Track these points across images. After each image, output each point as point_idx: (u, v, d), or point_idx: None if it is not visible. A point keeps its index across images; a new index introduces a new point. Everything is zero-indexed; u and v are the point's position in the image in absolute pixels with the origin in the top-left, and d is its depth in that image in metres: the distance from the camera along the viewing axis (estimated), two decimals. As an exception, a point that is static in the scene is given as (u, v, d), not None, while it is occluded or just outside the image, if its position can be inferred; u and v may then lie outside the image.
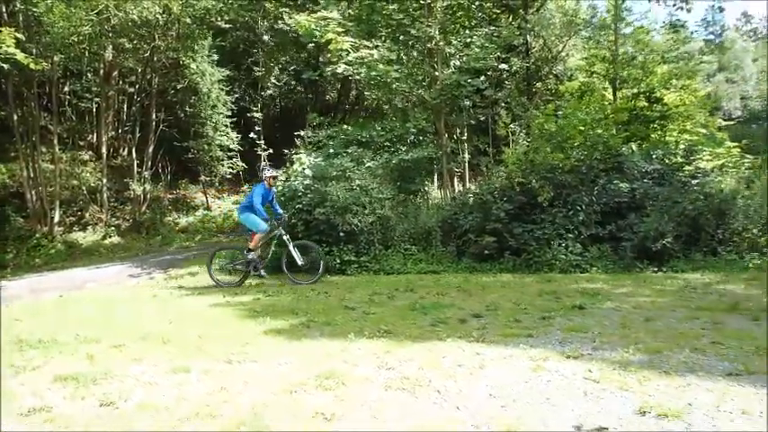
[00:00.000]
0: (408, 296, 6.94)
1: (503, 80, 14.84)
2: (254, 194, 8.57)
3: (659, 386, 2.79)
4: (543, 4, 15.48)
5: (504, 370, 3.27)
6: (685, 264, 9.65)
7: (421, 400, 2.91)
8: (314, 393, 3.09)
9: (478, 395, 2.88)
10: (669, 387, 2.77)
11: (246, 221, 8.72)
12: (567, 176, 10.10)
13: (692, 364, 3.14)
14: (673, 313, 5.11)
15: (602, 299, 6.12)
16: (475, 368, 3.35)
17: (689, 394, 2.65)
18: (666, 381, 2.87)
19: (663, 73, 13.44)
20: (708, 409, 2.44)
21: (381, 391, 3.07)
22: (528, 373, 3.18)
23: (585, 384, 2.89)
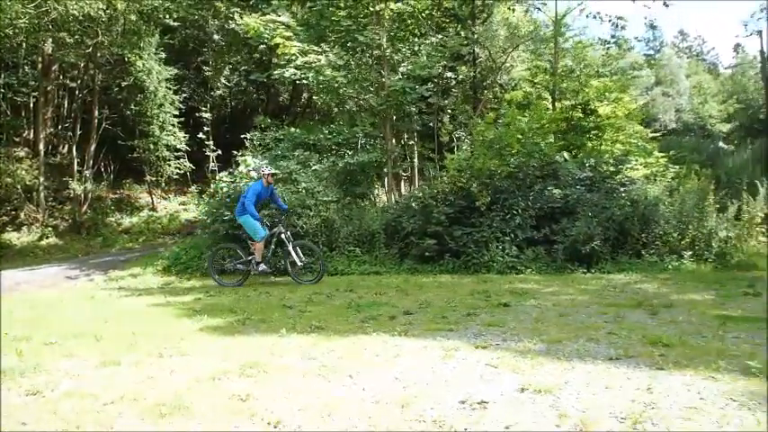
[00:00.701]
0: (347, 296, 7.14)
1: (450, 88, 15.32)
2: (249, 192, 8.28)
3: (547, 369, 3.11)
4: (489, 17, 16.08)
5: (417, 359, 3.54)
6: (612, 265, 10.31)
7: (333, 383, 3.14)
8: (236, 380, 3.26)
9: (386, 379, 3.13)
10: (555, 370, 3.10)
11: (245, 225, 8.41)
12: (504, 182, 10.60)
13: (584, 352, 3.51)
14: (586, 309, 5.54)
15: (527, 297, 6.53)
16: (390, 357, 3.60)
17: (568, 375, 2.98)
18: (555, 365, 3.21)
19: (597, 86, 14.24)
20: (578, 386, 2.78)
21: (299, 377, 3.27)
22: (437, 361, 3.46)
23: (484, 369, 3.19)
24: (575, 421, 2.31)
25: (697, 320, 4.67)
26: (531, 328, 4.47)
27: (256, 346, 4.22)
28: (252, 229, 8.31)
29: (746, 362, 3.02)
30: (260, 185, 8.39)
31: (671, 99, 40.50)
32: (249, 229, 8.36)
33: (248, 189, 8.46)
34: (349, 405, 2.75)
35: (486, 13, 16.38)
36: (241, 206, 8.38)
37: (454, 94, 15.23)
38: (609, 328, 4.31)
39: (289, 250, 8.42)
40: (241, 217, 8.40)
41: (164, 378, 3.39)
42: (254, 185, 8.44)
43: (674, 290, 7.26)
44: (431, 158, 13.51)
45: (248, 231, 8.41)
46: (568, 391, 2.70)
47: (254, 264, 8.42)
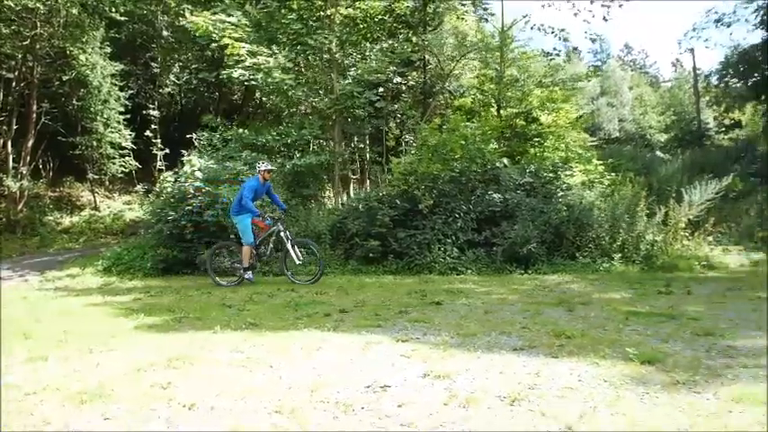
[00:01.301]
0: (288, 295, 7.27)
1: (400, 93, 15.65)
2: (246, 189, 8.00)
3: (454, 359, 3.38)
4: (439, 25, 16.52)
5: (338, 351, 3.74)
6: (548, 266, 10.84)
7: (254, 373, 3.31)
8: (161, 372, 3.37)
9: (304, 369, 3.33)
10: (462, 359, 3.37)
11: (238, 225, 8.21)
12: (448, 186, 10.97)
13: (493, 344, 3.81)
14: (511, 307, 5.89)
15: (460, 297, 6.84)
16: (313, 350, 3.79)
17: (472, 363, 3.26)
18: (464, 355, 3.48)
19: (540, 96, 14.90)
20: (477, 372, 3.05)
21: (223, 368, 3.42)
22: (357, 353, 3.67)
23: (398, 359, 3.42)
24: (460, 400, 2.57)
25: (606, 316, 5.08)
26: (454, 324, 4.75)
27: (188, 342, 4.31)
28: (243, 232, 8.14)
29: (627, 349, 3.38)
30: (256, 182, 8.16)
31: (615, 109, 42.44)
32: (241, 231, 8.20)
33: (244, 186, 8.17)
34: (263, 390, 2.93)
35: (437, 20, 16.84)
36: (237, 205, 8.16)
37: (404, 99, 15.57)
38: (524, 324, 4.64)
39: (288, 249, 8.25)
40: (236, 216, 8.20)
41: (89, 371, 3.47)
42: (251, 182, 8.18)
43: (598, 289, 7.76)
44: (378, 162, 13.78)
45: (240, 231, 8.26)
46: (466, 376, 2.96)
47: (242, 269, 8.26)
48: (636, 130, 40.68)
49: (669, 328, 4.25)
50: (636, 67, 59.08)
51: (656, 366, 3.06)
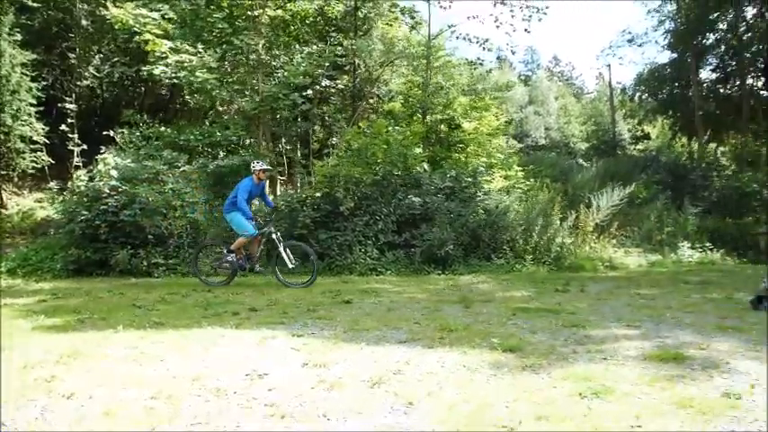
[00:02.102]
0: (203, 295, 7.28)
1: (329, 96, 15.83)
2: (240, 189, 7.83)
3: (340, 351, 3.64)
4: (369, 30, 16.85)
5: (234, 346, 3.90)
6: (464, 267, 11.39)
7: (143, 366, 3.41)
8: (48, 367, 3.40)
9: (194, 362, 3.47)
10: (346, 351, 3.64)
11: (233, 222, 8.05)
12: (369, 189, 11.29)
13: (381, 337, 4.11)
14: (415, 305, 6.23)
15: (372, 296, 7.14)
16: (209, 345, 3.93)
17: (354, 354, 3.52)
18: (350, 347, 3.75)
19: (463, 103, 15.57)
20: (354, 361, 3.33)
21: (113, 364, 3.50)
22: (252, 347, 3.85)
23: (287, 352, 3.64)
24: (327, 385, 2.82)
25: (497, 312, 5.52)
26: (354, 320, 5.01)
27: (85, 341, 4.31)
28: (241, 227, 7.98)
29: (493, 340, 3.78)
30: (250, 182, 8.00)
31: (542, 118, 44.63)
32: (238, 227, 8.02)
33: (239, 186, 7.98)
34: (146, 381, 3.05)
35: (368, 25, 17.16)
36: (230, 204, 8.01)
37: (333, 102, 15.77)
38: (418, 320, 4.98)
39: (279, 251, 8.02)
40: (228, 214, 8.06)
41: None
42: (246, 182, 8.00)
43: (503, 288, 8.30)
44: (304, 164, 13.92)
45: (236, 228, 8.09)
46: (342, 365, 3.23)
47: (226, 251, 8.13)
48: (560, 138, 42.93)
49: (545, 322, 4.71)
50: (563, 79, 62.41)
51: (515, 354, 3.45)
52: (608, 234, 14.83)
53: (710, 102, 26.92)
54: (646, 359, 3.19)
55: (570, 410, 2.29)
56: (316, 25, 16.44)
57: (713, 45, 26.83)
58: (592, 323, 4.59)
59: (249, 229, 7.92)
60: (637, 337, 3.95)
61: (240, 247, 8.06)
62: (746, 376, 2.79)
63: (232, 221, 8.07)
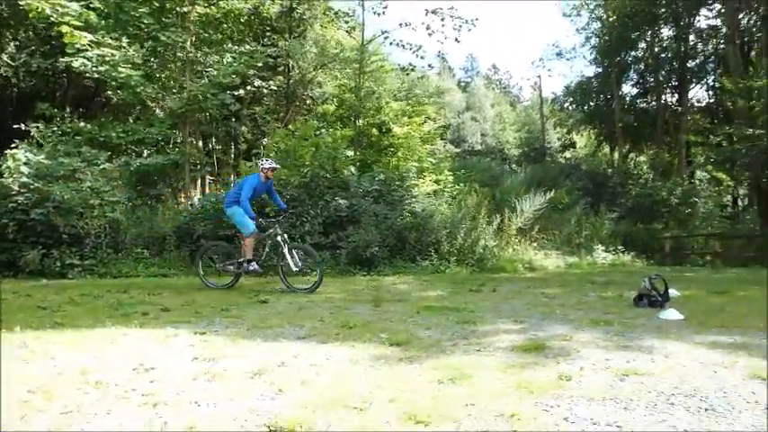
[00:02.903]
0: (117, 296, 7.14)
1: (261, 96, 15.76)
2: (245, 185, 7.49)
3: (236, 347, 3.77)
4: (304, 32, 16.93)
5: (132, 344, 3.93)
6: (390, 268, 11.68)
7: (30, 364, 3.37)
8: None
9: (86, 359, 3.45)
10: (242, 347, 3.77)
11: (233, 217, 7.69)
12: (296, 191, 11.39)
13: (281, 334, 4.27)
14: (328, 304, 6.41)
15: (290, 296, 7.28)
16: (106, 343, 3.93)
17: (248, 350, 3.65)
18: (247, 343, 3.89)
19: (395, 108, 15.94)
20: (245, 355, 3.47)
21: (1, 360, 3.46)
22: (150, 344, 3.90)
23: (184, 348, 3.72)
24: (209, 376, 2.96)
25: (403, 310, 5.79)
26: (263, 319, 5.13)
27: (-28, 343, 4.20)
28: (240, 223, 7.62)
29: (381, 335, 4.04)
30: (257, 179, 7.65)
31: (478, 124, 46.09)
32: (238, 221, 7.66)
33: (243, 182, 7.66)
34: (30, 377, 3.04)
35: (303, 27, 17.23)
36: (231, 199, 7.71)
37: (266, 102, 15.71)
38: (324, 317, 5.17)
39: (284, 253, 7.68)
40: (229, 209, 7.71)
41: None
42: (251, 178, 7.65)
43: (421, 288, 8.62)
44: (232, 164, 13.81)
45: (236, 223, 7.76)
46: (232, 359, 3.36)
47: (245, 263, 7.70)
48: (495, 144, 44.53)
49: (443, 319, 5.02)
50: (501, 87, 64.68)
51: (401, 347, 3.71)
52: (530, 237, 15.63)
53: (630, 114, 28.83)
54: (513, 350, 3.53)
55: (422, 394, 2.55)
56: (250, 24, 16.32)
57: (634, 62, 28.79)
58: (484, 320, 4.95)
59: (249, 226, 7.57)
60: (516, 331, 4.32)
61: (251, 250, 7.66)
62: (587, 361, 3.17)
63: (232, 217, 7.74)
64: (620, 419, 2.19)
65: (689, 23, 25.13)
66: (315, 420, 2.21)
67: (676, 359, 3.19)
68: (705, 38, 25.76)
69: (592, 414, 2.25)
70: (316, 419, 2.22)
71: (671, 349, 3.49)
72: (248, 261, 7.63)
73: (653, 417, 2.22)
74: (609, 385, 2.65)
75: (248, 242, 7.60)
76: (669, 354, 3.35)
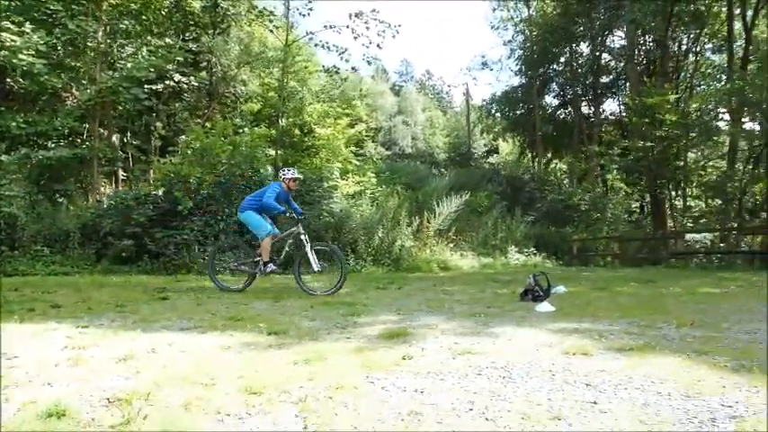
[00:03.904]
0: (5, 294, 6.88)
1: (181, 92, 15.43)
2: (268, 191, 7.37)
3: (114, 337, 3.83)
4: (228, 28, 16.74)
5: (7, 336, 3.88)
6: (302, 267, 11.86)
7: None
8: None
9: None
10: (119, 337, 3.81)
11: (248, 222, 7.47)
12: (211, 189, 11.32)
13: (166, 326, 4.35)
14: (229, 301, 6.50)
15: (195, 293, 7.30)
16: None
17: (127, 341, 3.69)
18: (126, 334, 3.93)
19: (318, 110, 16.12)
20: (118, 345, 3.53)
21: None
22: (28, 336, 3.84)
23: (58, 339, 3.72)
24: (72, 362, 3.04)
25: (300, 305, 5.98)
26: (156, 313, 5.17)
27: None
28: (256, 226, 7.44)
29: (260, 325, 4.26)
30: (279, 187, 7.53)
31: (409, 128, 47.06)
32: (253, 227, 7.49)
33: (267, 188, 7.56)
34: None
35: (226, 24, 17.03)
36: (245, 204, 7.54)
37: (186, 98, 15.41)
38: (218, 311, 5.30)
39: (306, 253, 7.44)
40: (242, 214, 7.54)
41: None
42: (275, 185, 7.54)
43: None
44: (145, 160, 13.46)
45: (252, 228, 7.53)
46: (104, 348, 3.43)
47: (261, 264, 7.49)
48: (426, 148, 45.71)
49: (333, 313, 5.27)
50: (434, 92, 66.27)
51: (277, 336, 3.92)
52: (447, 238, 16.28)
53: (550, 124, 30.54)
54: (378, 337, 3.84)
55: (271, 372, 2.78)
56: (171, 18, 15.95)
57: (555, 75, 30.55)
58: (371, 313, 5.25)
59: (266, 227, 7.45)
60: (393, 321, 4.64)
61: (269, 249, 7.48)
62: (434, 345, 3.52)
63: (247, 222, 7.57)
64: (427, 387, 2.52)
65: (602, 42, 27.00)
66: (156, 393, 2.39)
67: (515, 342, 3.61)
68: (616, 56, 27.82)
69: (408, 384, 2.57)
70: (157, 392, 2.40)
71: (518, 334, 3.92)
72: (265, 263, 7.50)
73: (456, 384, 2.56)
74: (440, 362, 2.99)
75: (265, 243, 7.44)
76: (512, 337, 3.78)
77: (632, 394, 2.34)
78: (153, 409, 2.18)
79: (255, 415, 2.12)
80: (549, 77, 30.60)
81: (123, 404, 2.22)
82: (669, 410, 2.12)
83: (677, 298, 6.82)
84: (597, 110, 28.75)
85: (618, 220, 21.50)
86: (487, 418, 2.09)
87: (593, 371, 2.73)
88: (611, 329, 4.12)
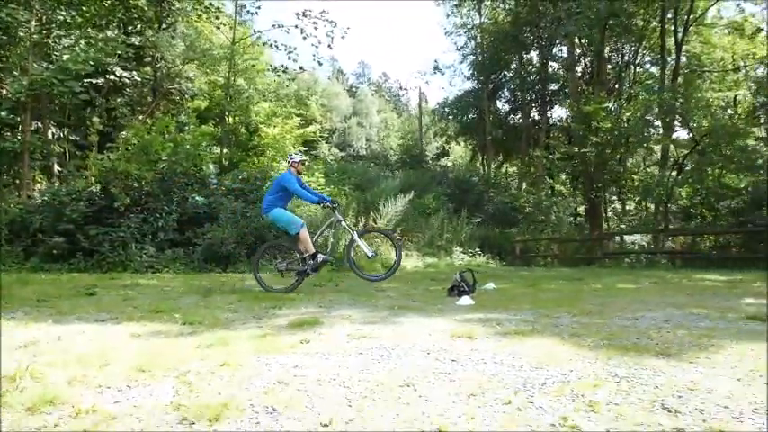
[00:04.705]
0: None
1: (123, 87, 15.12)
2: (287, 182, 6.95)
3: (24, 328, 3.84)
4: (174, 24, 16.50)
5: None
6: (246, 266, 11.84)
7: None
8: None
9: None
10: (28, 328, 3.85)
11: (279, 219, 7.08)
12: (151, 186, 11.20)
13: (83, 317, 4.38)
14: (159, 296, 6.52)
15: (125, 289, 7.25)
16: None
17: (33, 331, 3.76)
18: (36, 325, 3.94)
19: (265, 109, 16.11)
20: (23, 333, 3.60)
21: None
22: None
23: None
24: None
25: (226, 300, 6.07)
26: (76, 307, 5.16)
27: None
28: (288, 222, 7.06)
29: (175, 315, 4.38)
30: (290, 175, 7.10)
31: (364, 129, 47.33)
32: (285, 223, 7.09)
33: (281, 179, 7.12)
34: None
35: (172, 19, 16.79)
36: (268, 203, 7.09)
37: (129, 94, 15.10)
38: (143, 305, 5.34)
39: (354, 240, 7.18)
40: (269, 214, 7.11)
41: None
42: (287, 175, 7.09)
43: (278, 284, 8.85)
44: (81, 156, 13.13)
45: (283, 225, 7.14)
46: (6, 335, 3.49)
47: (309, 258, 7.05)
48: (380, 150, 46.11)
49: (256, 305, 5.40)
50: (390, 95, 66.85)
51: (191, 326, 4.02)
52: (393, 238, 16.55)
53: (500, 129, 31.44)
54: (287, 325, 4.01)
55: (168, 355, 2.92)
56: (114, 10, 15.59)
57: (507, 81, 31.48)
58: (294, 306, 5.40)
59: (297, 221, 7.14)
60: (310, 313, 4.81)
61: (309, 240, 7.12)
62: (335, 331, 3.74)
63: (277, 220, 7.20)
64: (308, 363, 2.73)
65: (550, 51, 28.06)
66: (44, 372, 2.49)
67: (414, 328, 3.85)
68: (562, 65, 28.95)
69: (291, 361, 2.77)
70: (46, 372, 2.50)
71: (422, 322, 4.18)
72: (312, 255, 7.15)
73: (336, 361, 2.78)
74: (334, 345, 3.20)
75: (303, 236, 7.09)
76: (415, 325, 4.02)
77: (488, 367, 2.61)
78: (37, 385, 2.28)
79: (135, 388, 2.27)
80: (500, 83, 31.50)
81: (8, 381, 2.32)
82: (512, 378, 2.40)
83: (593, 293, 7.26)
84: (545, 116, 29.82)
85: (562, 222, 22.39)
86: (346, 386, 2.31)
87: (467, 350, 3.00)
88: (512, 318, 4.44)
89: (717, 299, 5.94)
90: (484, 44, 29.29)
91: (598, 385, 2.20)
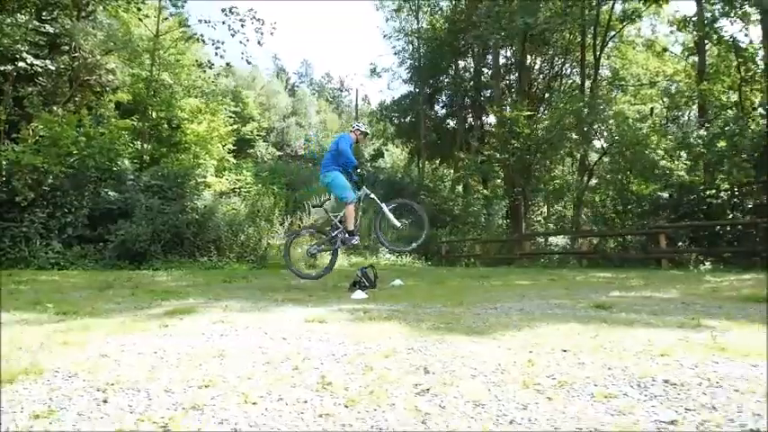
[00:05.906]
0: None
1: (35, 76, 14.47)
2: (343, 139, 6.65)
3: None
4: (93, 12, 15.93)
5: None
6: (163, 263, 11.68)
7: None
8: None
9: None
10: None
11: (335, 183, 6.62)
12: (59, 180, 10.84)
13: None
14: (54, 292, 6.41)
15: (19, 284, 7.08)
16: None
17: None
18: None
19: (191, 105, 15.87)
20: None
21: None
22: None
23: None
24: None
25: (123, 294, 6.09)
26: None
27: None
28: (344, 188, 6.64)
29: (48, 305, 4.42)
30: (350, 138, 6.79)
31: (303, 129, 47.13)
32: (340, 189, 6.66)
33: (339, 139, 6.75)
34: None
35: (93, 8, 16.21)
36: (330, 163, 6.67)
37: (42, 83, 14.44)
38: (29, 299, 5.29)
39: (384, 213, 6.79)
40: (330, 173, 6.65)
41: None
42: (346, 136, 6.79)
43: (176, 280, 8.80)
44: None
45: (338, 192, 6.73)
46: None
47: (344, 234, 6.78)
48: (318, 150, 46.03)
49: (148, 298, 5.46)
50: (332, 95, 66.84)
51: (64, 315, 4.08)
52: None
53: (437, 133, 32.21)
54: (161, 314, 4.15)
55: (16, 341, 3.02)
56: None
57: (444, 86, 32.27)
58: (183, 298, 5.51)
59: (351, 193, 6.69)
60: (191, 304, 4.96)
61: (354, 217, 6.77)
62: (205, 317, 3.94)
63: (334, 183, 6.72)
64: (145, 342, 2.92)
65: (483, 58, 29.09)
66: None
67: (275, 316, 4.06)
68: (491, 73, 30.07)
69: (132, 341, 2.94)
70: None
71: (288, 311, 4.43)
72: (350, 232, 6.83)
73: (173, 340, 2.97)
74: (187, 329, 3.38)
75: (351, 210, 6.75)
76: (280, 313, 4.27)
77: (308, 343, 2.89)
78: None
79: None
80: (438, 88, 32.27)
81: None
82: (319, 351, 2.66)
83: (487, 289, 7.71)
84: (478, 121, 30.85)
85: (491, 224, 23.27)
86: (159, 357, 2.53)
87: (302, 331, 3.27)
88: (385, 309, 4.75)
89: (587, 291, 6.52)
90: (421, 49, 29.96)
91: (389, 356, 2.52)
